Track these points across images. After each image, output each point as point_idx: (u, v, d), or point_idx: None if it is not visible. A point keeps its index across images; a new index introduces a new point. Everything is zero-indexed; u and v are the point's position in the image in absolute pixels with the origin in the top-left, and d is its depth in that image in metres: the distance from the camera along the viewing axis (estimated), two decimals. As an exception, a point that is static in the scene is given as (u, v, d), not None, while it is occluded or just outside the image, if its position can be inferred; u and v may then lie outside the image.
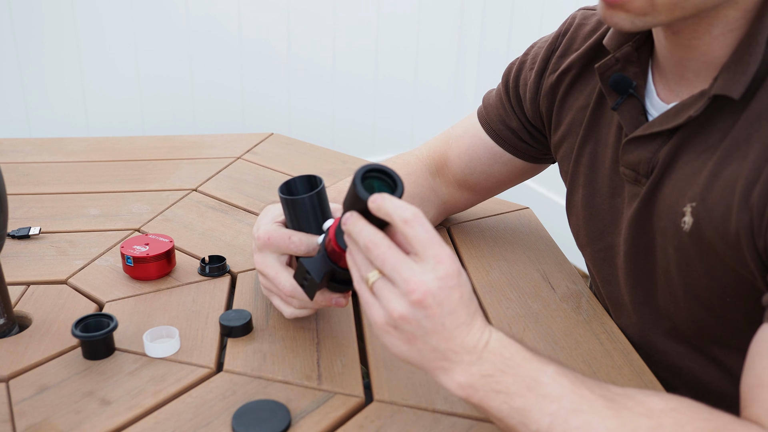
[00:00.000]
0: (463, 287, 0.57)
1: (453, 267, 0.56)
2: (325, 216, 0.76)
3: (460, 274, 0.57)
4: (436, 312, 0.56)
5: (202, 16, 2.22)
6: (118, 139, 1.46)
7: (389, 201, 0.57)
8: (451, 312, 0.56)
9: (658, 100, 0.76)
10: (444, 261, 0.56)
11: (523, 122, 0.95)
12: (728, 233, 0.66)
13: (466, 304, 0.57)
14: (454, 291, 0.56)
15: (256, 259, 0.78)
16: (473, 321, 0.58)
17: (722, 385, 0.78)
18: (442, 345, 0.57)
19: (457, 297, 0.56)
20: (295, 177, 0.76)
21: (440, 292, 0.56)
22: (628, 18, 0.66)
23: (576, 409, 0.55)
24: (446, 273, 0.56)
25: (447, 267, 0.56)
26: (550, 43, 0.91)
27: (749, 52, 0.66)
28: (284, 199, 0.75)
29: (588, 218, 0.87)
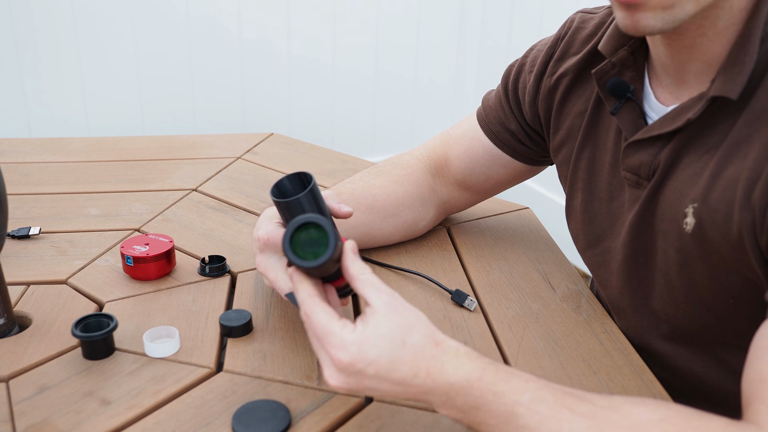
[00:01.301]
0: (375, 362, 0.57)
1: (345, 358, 0.57)
2: (321, 210, 0.75)
3: (360, 353, 0.57)
4: (362, 388, 0.59)
5: (202, 15, 2.22)
6: (118, 139, 1.46)
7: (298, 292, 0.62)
8: (377, 383, 0.59)
9: (656, 103, 0.76)
10: (333, 356, 0.58)
11: (522, 125, 0.95)
12: (730, 233, 0.66)
13: (390, 369, 0.58)
14: (364, 371, 0.58)
15: (258, 260, 0.78)
16: (417, 373, 0.58)
17: (724, 384, 0.78)
18: (400, 397, 0.60)
19: (371, 372, 0.58)
20: (284, 177, 0.75)
21: (349, 379, 0.59)
22: (656, 15, 0.63)
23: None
24: (341, 366, 0.58)
25: (338, 362, 0.58)
26: (549, 47, 0.91)
27: (744, 52, 0.66)
28: (277, 202, 0.74)
29: (587, 222, 0.87)
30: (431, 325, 0.61)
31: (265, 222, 0.79)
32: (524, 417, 0.56)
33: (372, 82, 2.57)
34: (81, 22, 2.10)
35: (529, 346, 0.80)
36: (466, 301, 0.86)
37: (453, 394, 0.58)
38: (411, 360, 0.58)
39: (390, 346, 0.58)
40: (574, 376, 0.75)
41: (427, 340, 0.59)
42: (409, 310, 0.60)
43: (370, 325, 0.58)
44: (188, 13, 2.20)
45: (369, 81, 2.57)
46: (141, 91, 2.24)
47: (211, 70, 2.30)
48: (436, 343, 0.59)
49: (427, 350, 0.58)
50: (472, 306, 0.86)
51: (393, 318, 0.59)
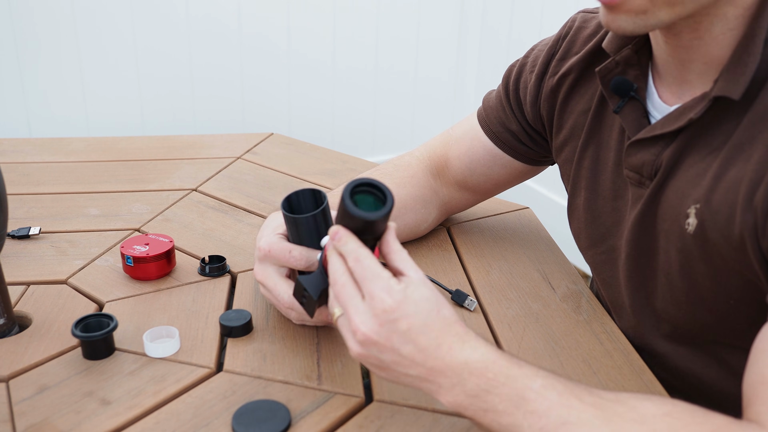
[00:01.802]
0: (411, 317, 0.58)
1: (388, 301, 0.58)
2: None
3: (403, 302, 0.58)
4: (387, 345, 0.59)
5: (202, 14, 2.22)
6: (118, 139, 1.46)
7: (347, 244, 0.61)
8: (403, 342, 0.59)
9: (660, 102, 0.76)
10: (376, 296, 0.58)
11: (523, 125, 0.95)
12: (732, 235, 0.66)
13: (420, 330, 0.58)
14: (398, 323, 0.58)
15: (256, 269, 0.79)
16: (440, 343, 0.59)
17: (725, 385, 0.78)
18: (412, 371, 0.60)
19: (404, 327, 0.58)
20: (298, 191, 0.75)
21: (381, 329, 0.58)
22: (629, 19, 0.65)
23: (565, 422, 0.55)
24: (382, 308, 0.58)
25: (380, 303, 0.58)
26: (551, 47, 0.91)
27: (748, 53, 0.66)
28: (287, 216, 0.74)
29: (590, 221, 0.87)
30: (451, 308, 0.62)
31: (268, 232, 0.79)
32: (534, 402, 0.56)
33: (372, 80, 2.57)
34: (81, 21, 2.10)
35: (529, 346, 0.80)
36: (466, 301, 0.86)
37: (466, 375, 0.58)
38: (440, 329, 0.59)
39: (428, 308, 0.59)
40: (574, 376, 0.75)
41: (455, 319, 0.60)
42: (438, 292, 0.62)
43: (411, 285, 0.60)
44: (188, 11, 2.20)
45: (369, 79, 2.57)
46: (141, 90, 2.24)
47: (210, 68, 2.30)
48: (461, 324, 0.60)
49: (455, 326, 0.60)
50: (472, 306, 0.86)
51: (429, 289, 0.60)
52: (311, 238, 0.74)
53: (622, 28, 0.67)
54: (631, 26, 0.66)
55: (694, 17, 0.67)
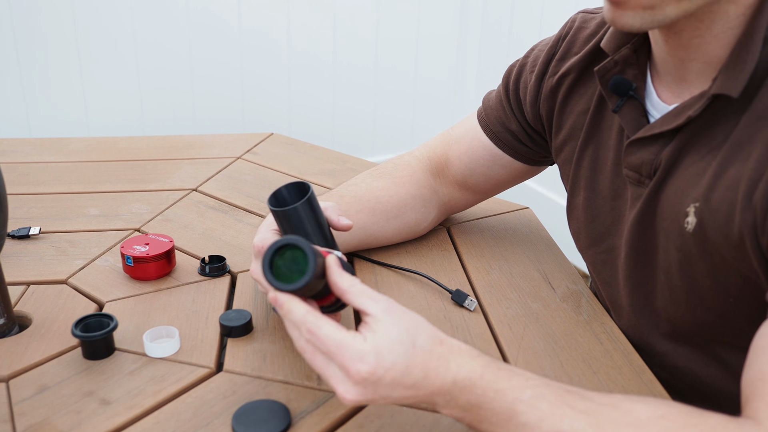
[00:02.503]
0: (392, 369, 0.56)
1: (364, 368, 0.56)
2: (319, 221, 0.74)
3: (379, 362, 0.56)
4: (377, 398, 0.58)
5: (201, 9, 2.22)
6: (118, 139, 1.46)
7: (291, 312, 0.59)
8: (391, 390, 0.58)
9: (659, 101, 0.76)
10: (350, 369, 0.56)
11: (523, 125, 0.95)
12: (732, 233, 0.66)
13: (404, 373, 0.57)
14: (381, 381, 0.57)
15: (252, 267, 0.78)
16: (426, 373, 0.58)
17: (724, 384, 0.78)
18: (408, 401, 0.59)
19: (388, 380, 0.57)
20: (282, 186, 0.75)
21: (366, 391, 0.57)
22: (637, 15, 0.65)
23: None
24: (360, 377, 0.56)
25: (357, 374, 0.56)
26: (551, 47, 0.91)
27: (747, 50, 0.66)
28: (274, 211, 0.73)
29: (589, 221, 0.87)
30: (430, 325, 0.61)
31: (263, 229, 0.79)
32: (525, 414, 0.56)
33: (372, 79, 2.57)
34: (81, 21, 2.10)
35: (529, 346, 0.80)
36: (466, 301, 0.86)
37: (456, 392, 0.58)
38: (422, 362, 0.58)
39: (403, 349, 0.57)
40: (574, 376, 0.75)
41: (432, 341, 0.59)
42: (407, 314, 0.60)
43: (378, 332, 0.57)
44: (188, 9, 2.20)
45: (369, 77, 2.57)
46: (141, 90, 2.24)
47: (210, 66, 2.30)
48: (440, 342, 0.59)
49: (435, 350, 0.58)
50: (472, 306, 0.86)
51: (397, 322, 0.58)
52: (303, 230, 0.74)
53: (629, 24, 0.66)
54: (638, 22, 0.65)
55: (697, 15, 0.66)
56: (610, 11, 0.67)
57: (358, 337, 0.57)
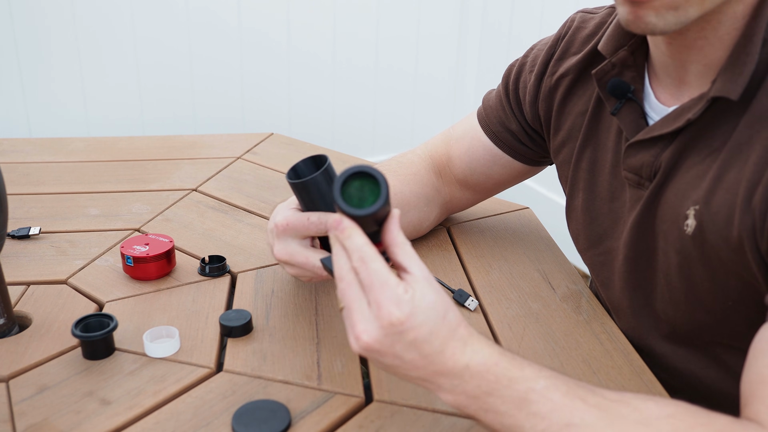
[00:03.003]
0: (418, 328, 0.55)
1: (396, 314, 0.55)
2: None
3: (411, 315, 0.55)
4: (389, 353, 0.56)
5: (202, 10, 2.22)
6: (118, 139, 1.46)
7: (351, 239, 0.57)
8: (406, 351, 0.56)
9: (657, 104, 0.76)
10: (383, 308, 0.55)
11: (522, 125, 0.95)
12: (731, 236, 0.66)
13: (426, 339, 0.56)
14: (405, 335, 0.55)
15: (277, 248, 0.76)
16: (443, 350, 0.57)
17: (724, 386, 0.78)
18: (413, 373, 0.58)
19: (410, 338, 0.56)
20: (300, 161, 0.74)
21: (385, 339, 0.56)
22: (660, 15, 0.63)
23: (568, 424, 0.55)
24: (389, 321, 0.55)
25: (387, 315, 0.55)
26: (550, 47, 0.91)
27: (746, 53, 0.66)
28: (293, 184, 0.72)
29: (588, 223, 0.87)
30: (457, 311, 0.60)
31: (282, 209, 0.78)
32: (537, 403, 0.56)
33: (372, 78, 2.57)
34: (81, 21, 2.10)
35: (529, 346, 0.80)
36: (467, 301, 0.86)
37: (467, 377, 0.57)
38: (445, 335, 0.57)
39: (435, 316, 0.56)
40: (574, 376, 0.75)
41: (458, 321, 0.58)
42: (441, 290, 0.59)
43: (417, 291, 0.56)
44: (188, 6, 2.20)
45: (369, 76, 2.57)
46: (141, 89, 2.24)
47: (210, 64, 2.30)
48: (465, 326, 0.59)
49: (459, 330, 0.58)
50: (473, 306, 0.86)
51: (434, 291, 0.57)
52: (324, 202, 0.73)
53: (651, 25, 0.63)
54: (662, 23, 0.63)
55: (705, 16, 0.66)
56: (630, 13, 0.64)
57: (402, 286, 0.56)
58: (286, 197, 1.18)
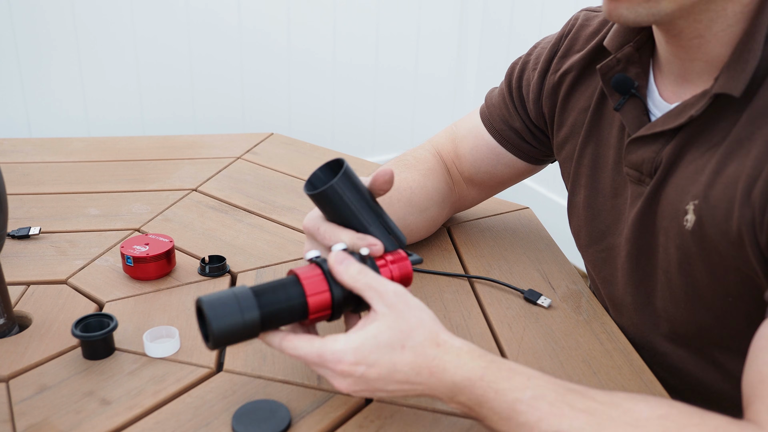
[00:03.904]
0: (375, 366, 0.59)
1: (342, 367, 0.59)
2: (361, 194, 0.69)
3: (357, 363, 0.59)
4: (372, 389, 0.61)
5: (202, 9, 2.22)
6: (118, 139, 1.46)
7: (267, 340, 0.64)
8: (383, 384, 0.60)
9: (660, 100, 0.76)
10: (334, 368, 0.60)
11: (526, 123, 0.95)
12: (730, 230, 0.66)
13: (392, 371, 0.59)
14: (366, 376, 0.59)
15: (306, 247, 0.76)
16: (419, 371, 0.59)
17: (722, 387, 0.78)
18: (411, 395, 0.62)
19: (374, 376, 0.60)
20: (317, 169, 0.70)
21: (356, 385, 0.60)
22: (632, 8, 0.65)
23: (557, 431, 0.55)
24: (341, 372, 0.60)
25: (340, 371, 0.60)
26: (553, 44, 0.91)
27: (748, 50, 0.66)
28: (311, 196, 0.69)
29: (590, 219, 0.87)
30: (435, 324, 0.62)
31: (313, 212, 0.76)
32: (525, 414, 0.56)
33: (372, 78, 2.57)
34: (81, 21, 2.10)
35: (529, 346, 0.80)
36: (539, 300, 0.87)
37: (456, 391, 0.59)
38: (412, 361, 0.59)
39: (389, 351, 0.59)
40: (574, 376, 0.75)
41: (428, 342, 0.60)
42: (413, 310, 0.61)
43: (370, 331, 0.60)
44: (188, 6, 2.20)
45: (369, 76, 2.57)
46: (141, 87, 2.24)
47: (211, 64, 2.30)
48: (437, 344, 0.60)
49: (429, 351, 0.60)
50: (546, 303, 0.87)
51: (394, 324, 0.60)
52: (346, 208, 0.68)
53: (624, 17, 0.66)
54: (633, 15, 0.66)
55: (694, 15, 0.66)
56: (606, 4, 0.67)
57: (339, 340, 0.60)
58: (286, 197, 1.19)
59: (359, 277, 0.62)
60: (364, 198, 0.69)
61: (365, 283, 0.62)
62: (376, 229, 0.68)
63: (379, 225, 0.69)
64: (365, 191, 0.69)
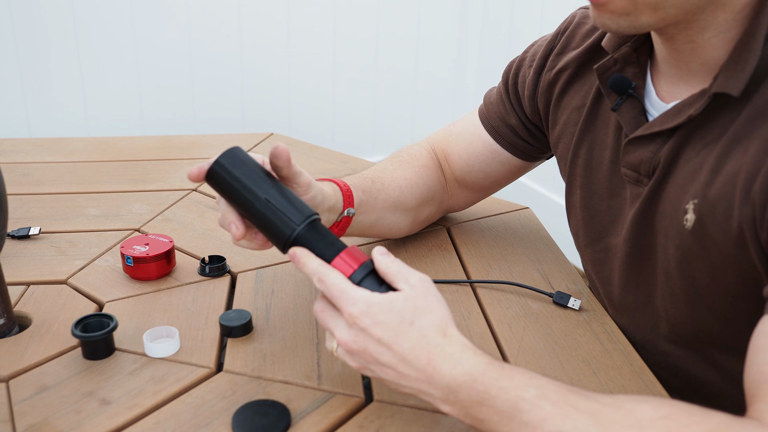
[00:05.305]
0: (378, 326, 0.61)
1: (352, 311, 0.61)
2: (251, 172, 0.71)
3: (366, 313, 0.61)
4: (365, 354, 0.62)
5: (202, 10, 2.22)
6: (118, 139, 1.46)
7: (305, 266, 0.65)
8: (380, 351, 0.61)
9: (657, 100, 0.76)
10: (344, 310, 0.62)
11: (522, 120, 0.95)
12: (731, 228, 0.66)
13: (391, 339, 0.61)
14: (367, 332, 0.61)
15: None
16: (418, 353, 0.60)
17: (723, 387, 0.78)
18: (404, 381, 0.62)
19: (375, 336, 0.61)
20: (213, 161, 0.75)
21: (356, 338, 0.62)
22: (613, 19, 0.67)
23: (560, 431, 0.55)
24: (349, 319, 0.62)
25: (348, 316, 0.62)
26: (549, 41, 0.91)
27: (748, 50, 0.66)
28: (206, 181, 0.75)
29: (587, 219, 0.87)
30: (448, 318, 0.63)
31: None
32: (528, 413, 0.56)
33: (372, 78, 2.57)
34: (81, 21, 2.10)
35: (529, 346, 0.80)
36: (569, 302, 0.87)
37: (456, 388, 0.58)
38: (415, 339, 0.60)
39: (397, 320, 0.61)
40: (574, 376, 0.75)
41: (435, 328, 0.61)
42: (431, 297, 0.63)
43: (388, 297, 0.62)
44: (188, 6, 2.20)
45: (369, 76, 2.57)
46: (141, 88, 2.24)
47: (211, 64, 2.30)
48: (444, 334, 0.61)
49: (432, 337, 0.60)
50: (577, 305, 0.86)
51: (410, 300, 0.62)
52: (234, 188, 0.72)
53: (606, 26, 0.68)
54: (615, 26, 0.67)
55: (684, 23, 0.67)
56: (591, 11, 0.69)
57: (361, 290, 0.62)
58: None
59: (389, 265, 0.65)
60: (254, 175, 0.70)
61: (394, 271, 0.64)
62: (275, 202, 0.69)
63: (280, 198, 0.69)
64: (257, 169, 0.71)
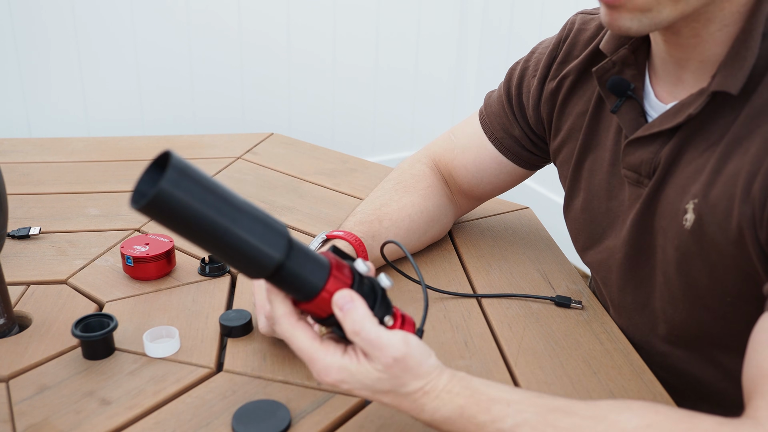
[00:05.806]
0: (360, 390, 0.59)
1: (328, 379, 0.58)
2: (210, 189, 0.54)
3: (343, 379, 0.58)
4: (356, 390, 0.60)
5: (202, 10, 2.22)
6: (118, 139, 1.46)
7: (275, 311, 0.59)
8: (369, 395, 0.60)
9: (656, 101, 0.76)
10: (320, 378, 0.59)
11: (525, 130, 0.95)
12: (730, 228, 0.66)
13: (373, 396, 0.59)
14: (353, 390, 0.59)
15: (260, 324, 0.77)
16: (400, 405, 0.59)
17: (722, 386, 0.78)
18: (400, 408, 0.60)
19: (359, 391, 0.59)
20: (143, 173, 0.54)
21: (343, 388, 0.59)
22: (634, 18, 0.65)
23: None
24: (330, 384, 0.59)
25: (326, 382, 0.59)
26: (552, 50, 0.90)
27: (746, 47, 0.66)
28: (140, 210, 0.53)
29: (588, 222, 0.87)
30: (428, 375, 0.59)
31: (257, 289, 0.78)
32: None
33: (372, 78, 2.57)
34: (81, 21, 2.10)
35: (529, 346, 0.80)
36: (571, 304, 0.87)
37: (438, 426, 0.60)
38: (395, 400, 0.60)
39: (376, 390, 0.59)
40: (574, 376, 0.75)
41: (414, 392, 0.59)
42: (407, 374, 0.58)
43: (364, 366, 0.58)
44: (188, 7, 2.20)
45: (369, 76, 2.57)
46: (141, 88, 2.24)
47: (211, 65, 2.30)
48: (424, 392, 0.59)
49: (413, 396, 0.59)
50: (579, 305, 0.87)
51: (387, 378, 0.58)
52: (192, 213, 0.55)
53: (626, 27, 0.66)
54: (636, 25, 0.65)
55: (693, 15, 0.66)
56: (606, 15, 0.66)
57: (335, 355, 0.58)
58: (286, 197, 1.19)
59: (363, 327, 0.57)
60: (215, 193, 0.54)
61: (368, 337, 0.57)
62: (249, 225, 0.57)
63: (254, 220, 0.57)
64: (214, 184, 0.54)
